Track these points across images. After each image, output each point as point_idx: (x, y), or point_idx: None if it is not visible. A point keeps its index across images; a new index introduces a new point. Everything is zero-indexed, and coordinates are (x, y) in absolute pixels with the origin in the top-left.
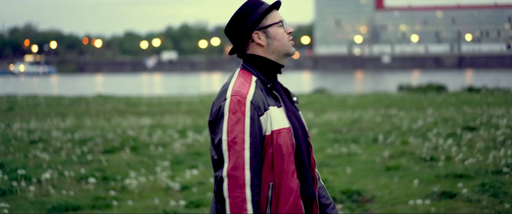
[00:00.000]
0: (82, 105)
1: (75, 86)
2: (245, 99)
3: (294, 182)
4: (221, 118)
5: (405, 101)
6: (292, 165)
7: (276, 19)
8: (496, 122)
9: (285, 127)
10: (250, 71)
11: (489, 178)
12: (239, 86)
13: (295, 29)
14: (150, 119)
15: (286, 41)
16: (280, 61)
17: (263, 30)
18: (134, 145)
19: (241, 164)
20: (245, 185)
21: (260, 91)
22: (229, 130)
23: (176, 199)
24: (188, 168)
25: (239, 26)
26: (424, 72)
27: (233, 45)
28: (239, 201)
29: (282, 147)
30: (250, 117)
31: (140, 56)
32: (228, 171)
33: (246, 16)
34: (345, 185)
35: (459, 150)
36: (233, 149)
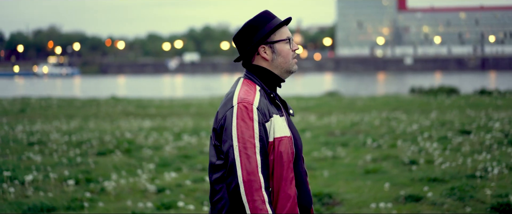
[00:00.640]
0: (93, 107)
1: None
2: (252, 106)
3: (292, 189)
4: (229, 125)
5: (414, 104)
6: (291, 172)
7: (283, 36)
8: (492, 125)
9: (287, 135)
10: (253, 81)
11: (461, 182)
12: (244, 93)
13: (317, 31)
14: (153, 121)
15: (289, 59)
16: (283, 76)
17: (270, 45)
18: (128, 147)
19: (255, 168)
20: (261, 187)
21: (265, 99)
22: (239, 136)
23: (151, 200)
24: (173, 171)
25: (247, 38)
26: (446, 74)
27: (239, 53)
28: (259, 204)
29: (282, 154)
30: (258, 123)
31: (162, 58)
32: (243, 177)
33: (256, 29)
34: (318, 188)
35: (442, 153)
36: (245, 154)
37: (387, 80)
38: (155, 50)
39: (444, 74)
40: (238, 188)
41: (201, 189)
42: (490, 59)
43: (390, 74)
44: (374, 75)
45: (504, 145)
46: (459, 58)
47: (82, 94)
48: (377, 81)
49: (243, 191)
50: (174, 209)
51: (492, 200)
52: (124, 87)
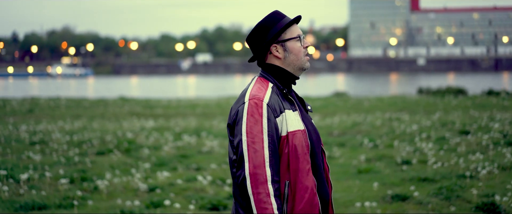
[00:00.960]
0: (101, 107)
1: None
2: (262, 102)
3: (309, 180)
4: (240, 120)
5: (420, 104)
6: (307, 164)
7: (294, 34)
8: (492, 126)
9: (300, 129)
10: (267, 79)
11: (450, 181)
12: (256, 91)
13: (330, 31)
14: (156, 122)
15: (301, 56)
16: (296, 73)
17: (281, 44)
18: (128, 147)
19: (262, 162)
20: (267, 181)
21: (276, 96)
22: (248, 131)
23: (142, 199)
24: (168, 170)
25: (259, 38)
26: (459, 74)
27: (253, 53)
28: (263, 197)
29: (297, 147)
30: (267, 118)
31: (175, 59)
32: (250, 169)
33: (267, 29)
34: None
35: (436, 154)
36: (253, 148)
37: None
38: (168, 51)
39: (457, 75)
40: (245, 181)
41: (192, 188)
42: (504, 60)
43: (403, 75)
44: (387, 76)
45: (501, 145)
46: (472, 59)
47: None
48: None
49: (249, 183)
50: (161, 207)
51: (478, 200)
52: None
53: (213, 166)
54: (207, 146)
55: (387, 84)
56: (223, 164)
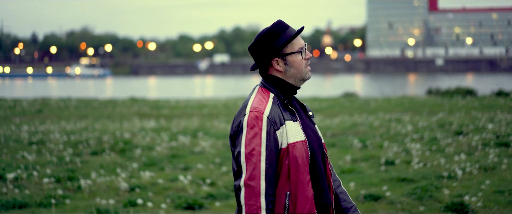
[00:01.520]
0: (109, 108)
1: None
2: (262, 115)
3: (309, 191)
4: (240, 132)
5: (426, 105)
6: (307, 175)
7: (295, 48)
8: (488, 127)
9: (301, 140)
10: (268, 89)
11: (427, 182)
12: (257, 103)
13: (348, 31)
14: (158, 122)
15: (302, 69)
16: (297, 84)
17: (282, 58)
18: (123, 147)
19: (257, 174)
20: (260, 194)
21: (277, 107)
22: (247, 143)
23: (120, 199)
24: (156, 170)
25: (261, 50)
26: (478, 75)
27: (255, 62)
28: (254, 209)
29: (297, 158)
30: (267, 131)
31: (193, 59)
32: (245, 180)
33: (269, 42)
34: None
35: (422, 154)
36: (250, 161)
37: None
38: (186, 51)
39: (476, 75)
40: (240, 190)
41: (174, 188)
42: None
43: (421, 76)
44: (405, 77)
45: (490, 146)
46: (491, 59)
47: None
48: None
49: (243, 194)
50: (136, 207)
51: (448, 200)
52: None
53: (200, 166)
54: (200, 146)
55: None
56: (210, 164)
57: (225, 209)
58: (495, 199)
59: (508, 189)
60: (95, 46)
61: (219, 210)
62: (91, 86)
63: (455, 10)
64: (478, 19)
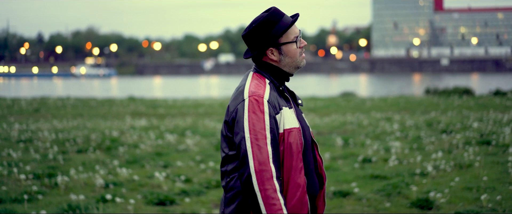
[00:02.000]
0: (105, 107)
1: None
2: (262, 99)
3: (301, 178)
4: (241, 117)
5: (421, 105)
6: (300, 162)
7: (291, 37)
8: (474, 126)
9: (296, 127)
10: (263, 75)
11: (398, 179)
12: (255, 87)
13: (353, 31)
14: (150, 121)
15: (297, 57)
16: (291, 71)
17: (277, 48)
18: (109, 145)
19: (266, 158)
20: (272, 177)
21: (274, 92)
22: (250, 128)
23: (95, 195)
24: (136, 167)
25: (256, 38)
26: (483, 75)
27: (249, 49)
28: (270, 193)
29: (292, 145)
30: (269, 115)
31: (198, 59)
32: (255, 166)
33: (265, 30)
34: None
35: (401, 152)
36: (257, 145)
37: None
38: (191, 51)
39: (481, 75)
40: (250, 178)
41: (150, 185)
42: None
43: (426, 76)
44: (410, 77)
45: (471, 144)
46: (496, 59)
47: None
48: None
49: (255, 180)
50: (107, 202)
51: (415, 196)
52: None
53: (180, 163)
54: (184, 144)
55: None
56: (191, 161)
57: (195, 205)
58: (462, 196)
59: (477, 186)
60: (101, 46)
61: (189, 205)
62: (95, 86)
63: (461, 10)
64: (483, 19)
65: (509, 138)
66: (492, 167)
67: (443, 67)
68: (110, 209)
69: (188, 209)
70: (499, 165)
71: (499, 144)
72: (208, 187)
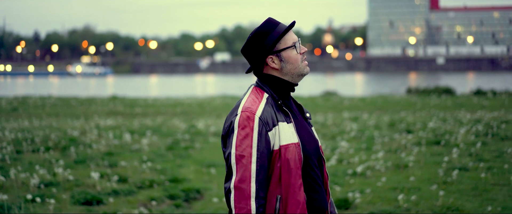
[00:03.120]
0: (84, 106)
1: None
2: (254, 115)
3: (301, 195)
4: (232, 132)
5: (399, 104)
6: (299, 179)
7: (289, 43)
8: (435, 126)
9: (294, 142)
10: (263, 89)
11: (330, 179)
12: (250, 103)
13: (349, 30)
14: (117, 120)
15: (299, 64)
16: (294, 81)
17: (276, 54)
18: (66, 144)
19: (248, 176)
20: (250, 197)
21: (270, 107)
22: (237, 144)
23: (31, 194)
24: (82, 168)
25: (254, 50)
26: (479, 74)
27: (250, 64)
28: (244, 212)
29: (289, 161)
30: (258, 132)
31: (194, 58)
32: (235, 183)
33: (261, 40)
34: (191, 184)
35: (346, 152)
36: (241, 162)
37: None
38: (187, 50)
39: (477, 74)
40: (230, 193)
41: (85, 184)
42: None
43: (422, 75)
44: (406, 76)
45: (421, 144)
46: (492, 58)
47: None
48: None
49: (233, 196)
50: (27, 203)
51: (336, 196)
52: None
53: (124, 163)
54: (138, 144)
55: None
56: (137, 161)
57: (121, 205)
58: (384, 196)
59: (402, 186)
60: (97, 45)
61: (114, 205)
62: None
63: (457, 9)
64: (479, 17)
65: (461, 138)
66: (428, 168)
67: (439, 66)
68: (35, 209)
69: (112, 209)
70: (436, 165)
71: (449, 144)
72: (141, 187)
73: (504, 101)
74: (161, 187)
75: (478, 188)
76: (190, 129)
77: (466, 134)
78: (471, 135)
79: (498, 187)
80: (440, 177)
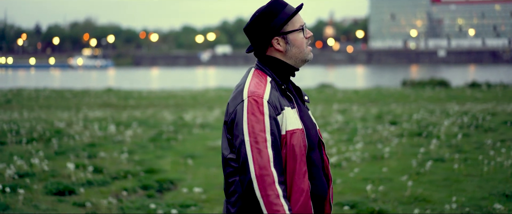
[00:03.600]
0: (78, 98)
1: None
2: (262, 99)
3: (305, 182)
4: (240, 120)
5: (392, 96)
6: (304, 165)
7: (296, 26)
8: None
9: (299, 128)
10: (265, 72)
11: None
12: (254, 86)
13: (350, 23)
14: (105, 112)
15: (304, 48)
16: (297, 65)
17: (283, 36)
18: (50, 136)
19: (267, 162)
20: (274, 182)
21: (275, 92)
22: (250, 131)
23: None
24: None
25: (259, 29)
26: (480, 67)
27: (251, 44)
28: (273, 199)
29: (295, 147)
30: (269, 116)
31: (195, 50)
32: (256, 172)
33: (268, 20)
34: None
35: (325, 144)
36: (257, 149)
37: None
38: (188, 42)
39: (478, 67)
40: (252, 184)
41: (60, 175)
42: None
43: (423, 67)
44: (407, 68)
45: (402, 136)
46: (493, 50)
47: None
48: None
49: (257, 186)
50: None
51: None
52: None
53: (103, 154)
54: (122, 136)
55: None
56: (116, 152)
57: (93, 195)
58: (354, 187)
59: (374, 177)
60: (98, 37)
61: (84, 195)
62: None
63: (458, 2)
64: (480, 10)
65: (444, 130)
66: (404, 159)
67: (440, 59)
68: (6, 199)
69: (83, 199)
70: (412, 156)
71: (431, 135)
72: (116, 178)
73: (497, 94)
74: (136, 178)
75: (449, 179)
76: (177, 120)
77: (450, 126)
78: (455, 126)
79: (470, 178)
80: (414, 168)
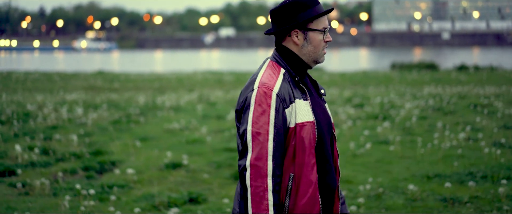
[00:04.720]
0: (64, 81)
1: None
2: (271, 91)
3: (314, 175)
4: (247, 108)
5: (377, 79)
6: (313, 158)
7: (319, 26)
8: (382, 101)
9: (309, 121)
10: (279, 63)
11: None
12: (266, 78)
13: (355, 5)
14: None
15: (319, 50)
16: (309, 64)
17: (303, 31)
18: (17, 118)
19: (264, 154)
20: (267, 175)
21: (287, 84)
22: (254, 121)
23: None
24: (20, 141)
25: (285, 16)
26: (485, 49)
27: (272, 27)
28: (260, 191)
29: (304, 140)
30: (275, 109)
31: (199, 33)
32: (251, 160)
33: (296, 10)
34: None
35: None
36: (257, 140)
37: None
38: (192, 25)
39: (482, 49)
40: (245, 171)
41: (8, 157)
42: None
43: (427, 50)
44: (411, 51)
45: (359, 119)
46: (498, 33)
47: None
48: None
49: (248, 174)
50: None
51: None
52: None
53: (58, 136)
54: (84, 118)
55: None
56: (74, 134)
57: (33, 176)
58: None
59: None
60: (102, 20)
61: (23, 176)
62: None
63: None
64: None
65: (403, 113)
66: (346, 141)
67: (444, 41)
68: None
69: (20, 179)
70: (355, 139)
71: (387, 118)
72: (62, 160)
73: (482, 77)
74: (80, 160)
75: (382, 161)
76: (148, 103)
77: (413, 109)
78: (417, 109)
79: (402, 160)
80: (351, 150)
